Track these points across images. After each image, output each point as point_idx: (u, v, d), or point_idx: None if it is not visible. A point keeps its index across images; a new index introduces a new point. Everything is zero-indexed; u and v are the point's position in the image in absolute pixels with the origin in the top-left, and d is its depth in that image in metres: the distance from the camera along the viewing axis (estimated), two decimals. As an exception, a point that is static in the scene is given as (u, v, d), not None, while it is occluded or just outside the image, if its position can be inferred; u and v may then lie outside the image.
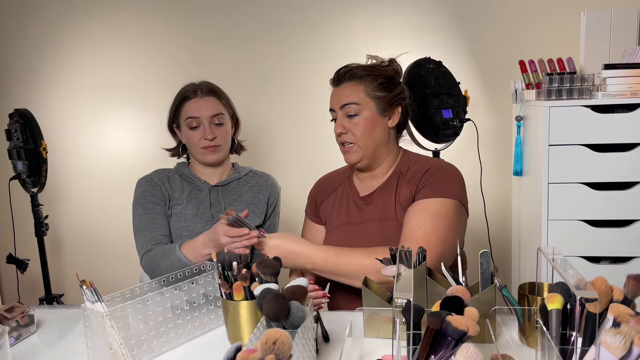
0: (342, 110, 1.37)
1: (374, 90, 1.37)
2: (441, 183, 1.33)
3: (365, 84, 1.37)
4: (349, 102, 1.36)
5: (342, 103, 1.37)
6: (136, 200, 1.60)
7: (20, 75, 2.60)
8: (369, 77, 1.37)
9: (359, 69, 1.39)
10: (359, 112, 1.36)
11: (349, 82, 1.38)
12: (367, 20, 2.38)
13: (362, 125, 1.36)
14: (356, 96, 1.36)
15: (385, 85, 1.38)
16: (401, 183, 1.39)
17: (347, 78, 1.39)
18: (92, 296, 1.02)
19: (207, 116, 1.58)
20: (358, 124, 1.36)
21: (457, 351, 0.74)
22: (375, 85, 1.37)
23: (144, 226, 1.56)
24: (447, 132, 1.96)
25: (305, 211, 1.59)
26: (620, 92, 1.76)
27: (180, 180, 1.64)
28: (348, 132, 1.37)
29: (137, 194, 1.61)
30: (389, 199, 1.39)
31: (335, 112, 1.40)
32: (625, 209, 1.79)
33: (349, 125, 1.37)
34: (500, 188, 2.35)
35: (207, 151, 1.59)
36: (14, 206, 2.31)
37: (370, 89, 1.36)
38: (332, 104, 1.41)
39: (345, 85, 1.39)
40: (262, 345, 0.70)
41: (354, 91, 1.37)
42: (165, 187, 1.62)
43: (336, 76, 1.41)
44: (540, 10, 2.26)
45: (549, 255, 0.88)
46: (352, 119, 1.37)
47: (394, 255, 1.15)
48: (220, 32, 2.46)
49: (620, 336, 0.67)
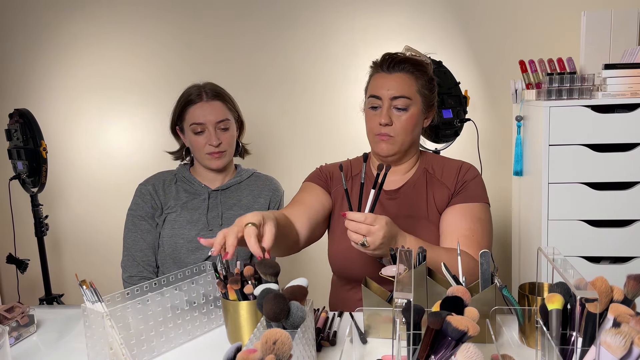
0: (391, 101, 1.31)
1: (423, 88, 1.34)
2: (478, 187, 1.37)
3: (417, 79, 1.33)
4: (402, 95, 1.31)
5: (394, 94, 1.31)
6: (129, 210, 1.63)
7: (21, 75, 2.60)
8: (420, 72, 1.34)
9: (411, 62, 1.33)
10: (408, 107, 1.31)
11: (402, 74, 1.32)
12: (367, 20, 2.38)
13: (407, 121, 1.32)
14: (409, 90, 1.31)
15: (430, 85, 1.36)
16: (434, 183, 1.38)
17: (400, 68, 1.32)
18: (92, 296, 1.02)
19: (213, 122, 1.55)
20: (404, 119, 1.32)
21: (457, 351, 0.74)
22: (424, 82, 1.34)
23: (128, 244, 1.61)
24: (447, 132, 1.96)
25: (307, 179, 1.48)
26: (620, 92, 1.76)
27: (177, 187, 1.63)
28: (392, 124, 1.32)
29: (132, 203, 1.63)
30: (420, 197, 1.38)
31: (382, 101, 1.32)
32: (625, 209, 1.79)
33: (394, 118, 1.32)
34: (500, 188, 2.35)
35: (212, 157, 1.57)
36: (14, 206, 2.31)
37: (420, 86, 1.33)
38: (377, 91, 1.33)
39: (397, 76, 1.32)
40: (262, 345, 0.70)
41: (407, 84, 1.31)
42: (159, 195, 1.61)
43: (387, 63, 1.33)
44: (540, 10, 2.26)
45: (549, 255, 0.88)
46: (399, 113, 1.32)
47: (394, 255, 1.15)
48: (222, 33, 2.46)
49: (620, 336, 0.67)
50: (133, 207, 1.62)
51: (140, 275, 1.58)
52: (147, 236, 1.59)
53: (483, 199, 1.37)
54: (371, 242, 1.09)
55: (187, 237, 1.56)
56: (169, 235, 1.57)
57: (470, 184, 1.37)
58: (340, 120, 2.45)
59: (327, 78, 2.44)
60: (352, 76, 2.40)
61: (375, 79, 1.36)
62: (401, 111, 1.32)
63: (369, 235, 1.08)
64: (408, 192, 1.39)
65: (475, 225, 1.31)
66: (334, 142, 2.45)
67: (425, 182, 1.39)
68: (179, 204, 1.60)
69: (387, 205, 1.39)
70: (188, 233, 1.57)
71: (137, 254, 1.59)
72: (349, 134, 2.39)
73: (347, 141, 2.41)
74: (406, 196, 1.39)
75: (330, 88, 2.44)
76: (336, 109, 2.45)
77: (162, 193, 1.61)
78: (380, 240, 1.08)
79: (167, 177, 1.65)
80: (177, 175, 1.66)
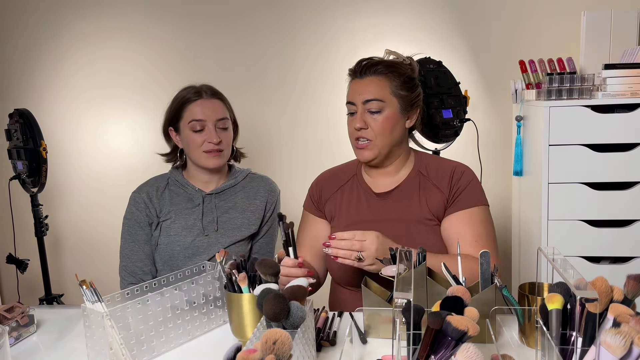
0: (364, 105, 1.33)
1: (398, 89, 1.33)
2: (474, 191, 1.36)
3: (390, 81, 1.33)
4: (373, 97, 1.32)
5: (365, 98, 1.32)
6: (124, 218, 1.61)
7: (20, 75, 2.60)
8: (394, 74, 1.33)
9: (384, 64, 1.34)
10: (382, 110, 1.32)
11: (373, 77, 1.33)
12: (367, 21, 2.38)
13: (383, 123, 1.32)
14: (381, 92, 1.32)
15: (407, 85, 1.35)
16: (427, 186, 1.37)
17: (371, 72, 1.33)
18: (92, 296, 1.03)
19: (213, 119, 1.53)
20: (379, 121, 1.32)
21: (457, 351, 0.74)
22: (398, 83, 1.34)
23: (126, 253, 1.59)
24: (447, 132, 1.96)
25: (304, 206, 1.52)
26: (620, 92, 1.76)
27: (170, 192, 1.60)
28: (368, 127, 1.33)
29: (126, 211, 1.61)
30: (412, 200, 1.37)
31: (355, 106, 1.34)
32: (625, 209, 1.79)
33: (369, 121, 1.33)
34: (500, 188, 2.35)
35: (209, 155, 1.53)
36: (14, 206, 2.31)
37: (395, 87, 1.33)
38: (352, 97, 1.35)
39: (369, 80, 1.33)
40: (262, 345, 0.70)
41: (379, 87, 1.32)
42: (154, 203, 1.58)
43: (359, 68, 1.35)
44: (540, 10, 2.26)
45: (549, 255, 0.88)
46: (374, 115, 1.32)
47: (394, 255, 1.15)
48: (221, 34, 2.46)
49: (620, 336, 0.67)
50: (128, 215, 1.60)
51: (134, 274, 1.57)
52: (144, 246, 1.58)
53: (481, 202, 1.36)
54: (366, 256, 1.14)
55: (183, 244, 1.54)
56: (165, 243, 1.56)
57: (466, 189, 1.35)
58: (339, 120, 2.43)
59: (327, 78, 2.44)
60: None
61: (350, 86, 1.38)
62: (375, 114, 1.32)
63: (362, 250, 1.14)
64: (401, 195, 1.38)
65: (479, 230, 1.32)
66: (334, 142, 2.45)
67: (419, 185, 1.38)
68: (174, 210, 1.57)
69: (378, 207, 1.39)
70: (184, 240, 1.55)
71: (136, 265, 1.56)
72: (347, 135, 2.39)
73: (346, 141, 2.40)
74: (399, 198, 1.38)
75: (330, 88, 2.44)
76: (336, 110, 2.44)
77: (157, 201, 1.59)
78: (374, 254, 1.14)
79: (160, 183, 1.62)
80: (169, 179, 1.63)
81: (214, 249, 1.55)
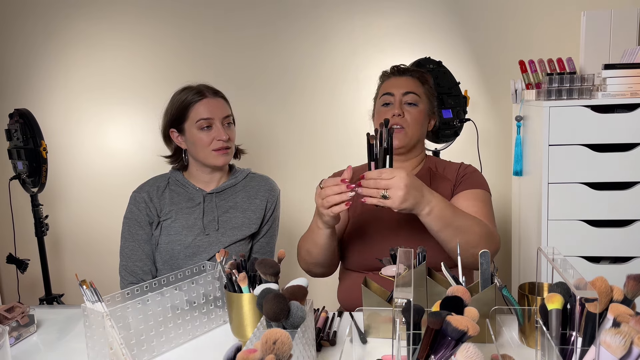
0: (403, 96, 1.46)
1: (427, 92, 1.52)
2: (479, 177, 1.48)
3: (422, 84, 1.51)
4: (413, 91, 1.47)
5: (406, 90, 1.47)
6: (124, 217, 1.61)
7: (21, 75, 2.60)
8: (424, 80, 1.52)
9: (416, 72, 1.53)
10: (418, 103, 1.47)
11: (412, 77, 1.51)
12: (367, 20, 2.38)
13: (417, 115, 1.46)
14: (418, 89, 1.49)
15: (431, 93, 1.54)
16: (437, 179, 1.48)
17: (408, 74, 1.52)
18: (92, 296, 1.03)
19: (220, 117, 1.54)
20: (414, 113, 1.46)
21: (457, 351, 0.74)
22: (428, 87, 1.52)
23: (126, 252, 1.59)
24: (447, 132, 1.96)
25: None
26: (620, 92, 1.76)
27: (171, 191, 1.61)
28: (404, 116, 1.45)
29: (127, 210, 1.61)
30: None
31: (394, 97, 1.47)
32: (625, 209, 1.79)
33: (405, 111, 1.46)
34: (500, 188, 2.35)
35: (219, 154, 1.54)
36: (14, 206, 2.31)
37: (426, 90, 1.51)
38: (390, 88, 1.49)
39: (408, 78, 1.51)
40: (262, 345, 0.70)
41: (417, 85, 1.49)
42: (154, 203, 1.59)
43: (397, 68, 1.54)
44: (540, 10, 2.26)
45: (549, 255, 0.88)
46: (410, 107, 1.46)
47: (394, 255, 1.15)
48: (220, 34, 2.46)
49: (620, 336, 0.67)
50: (128, 214, 1.60)
51: (134, 274, 1.57)
52: (144, 245, 1.58)
53: (485, 187, 1.46)
54: (393, 194, 1.10)
55: (184, 243, 1.55)
56: (165, 242, 1.56)
57: (472, 175, 1.47)
58: (339, 119, 2.45)
59: (327, 78, 2.44)
60: (351, 76, 2.41)
61: (386, 83, 1.53)
62: (411, 106, 1.46)
63: (388, 187, 1.11)
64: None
65: (480, 207, 1.38)
66: (334, 142, 2.45)
67: (429, 179, 1.48)
68: (174, 209, 1.58)
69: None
70: (184, 239, 1.55)
71: (136, 264, 1.56)
72: (347, 134, 2.40)
73: (346, 141, 2.41)
74: None
75: (330, 88, 2.44)
76: (336, 109, 2.45)
77: (157, 200, 1.59)
78: (402, 191, 1.10)
79: (160, 182, 1.62)
80: (170, 179, 1.63)
81: (214, 248, 1.55)
